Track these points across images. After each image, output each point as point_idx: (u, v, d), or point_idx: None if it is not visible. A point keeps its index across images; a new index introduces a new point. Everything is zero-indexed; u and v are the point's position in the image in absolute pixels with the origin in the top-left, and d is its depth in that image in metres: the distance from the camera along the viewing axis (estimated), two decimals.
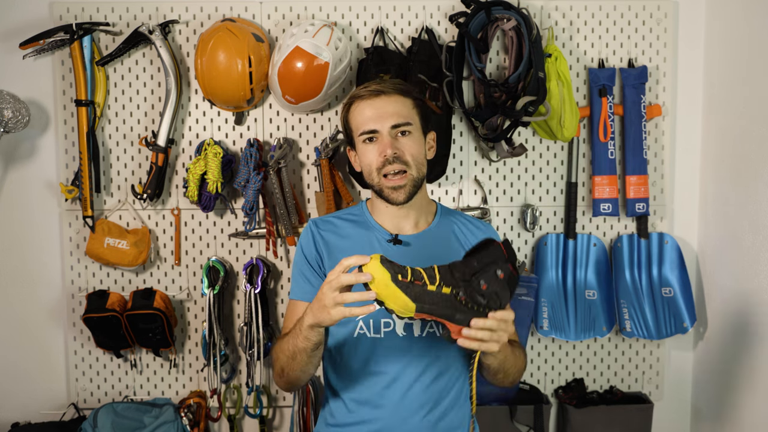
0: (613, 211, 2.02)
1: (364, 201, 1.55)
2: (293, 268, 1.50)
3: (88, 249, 1.97)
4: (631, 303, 2.05)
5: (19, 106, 1.91)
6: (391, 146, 1.40)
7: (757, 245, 1.81)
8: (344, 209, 1.60)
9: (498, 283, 1.17)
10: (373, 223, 1.49)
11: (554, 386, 2.16)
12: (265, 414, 2.10)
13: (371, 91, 1.43)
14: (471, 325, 1.17)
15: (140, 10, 1.98)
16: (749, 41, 1.86)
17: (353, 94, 1.47)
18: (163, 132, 1.96)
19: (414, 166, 1.42)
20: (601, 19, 2.05)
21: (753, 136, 1.83)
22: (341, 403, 1.46)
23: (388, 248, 1.44)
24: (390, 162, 1.40)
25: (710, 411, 2.07)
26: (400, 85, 1.47)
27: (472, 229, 1.53)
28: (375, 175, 1.43)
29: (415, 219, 1.48)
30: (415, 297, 1.15)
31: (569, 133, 1.94)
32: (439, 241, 1.48)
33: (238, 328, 2.05)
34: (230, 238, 2.06)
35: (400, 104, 1.43)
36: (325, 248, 1.47)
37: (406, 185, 1.41)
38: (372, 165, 1.43)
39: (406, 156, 1.41)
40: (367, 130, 1.42)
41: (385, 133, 1.41)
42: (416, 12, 2.01)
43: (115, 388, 2.11)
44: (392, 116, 1.41)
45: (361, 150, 1.46)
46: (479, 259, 1.19)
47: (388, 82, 1.47)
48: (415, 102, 1.47)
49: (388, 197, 1.42)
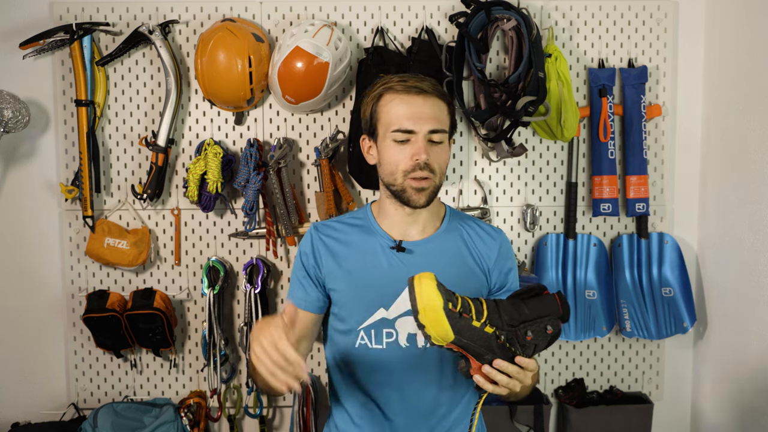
0: (613, 211, 2.02)
1: (368, 204, 1.50)
2: (293, 270, 1.49)
3: (88, 249, 1.97)
4: (631, 303, 2.05)
5: (19, 106, 1.91)
6: (425, 152, 1.33)
7: (757, 245, 1.81)
8: (348, 213, 1.54)
9: (544, 337, 1.12)
10: (377, 228, 1.43)
11: (554, 386, 2.16)
12: (265, 414, 2.10)
13: (410, 87, 1.35)
14: (494, 365, 1.13)
15: (140, 10, 1.98)
16: (749, 41, 1.86)
17: (387, 86, 1.37)
18: (163, 132, 1.96)
19: (438, 175, 1.37)
20: (601, 19, 2.05)
21: (753, 135, 1.83)
22: (346, 414, 1.44)
23: (392, 255, 1.40)
24: (421, 168, 1.33)
25: (710, 411, 2.07)
26: (438, 86, 1.39)
27: (482, 235, 1.46)
28: (400, 175, 1.35)
29: (422, 225, 1.42)
30: (458, 330, 1.09)
31: (569, 133, 1.94)
32: (445, 249, 1.42)
33: (238, 328, 2.05)
34: (230, 238, 2.06)
35: (437, 108, 1.36)
36: (325, 255, 1.42)
37: (429, 188, 1.35)
38: (399, 165, 1.35)
39: (435, 165, 1.35)
40: (404, 129, 1.33)
41: (422, 137, 1.33)
42: (416, 12, 2.01)
43: (115, 388, 2.11)
44: (431, 120, 1.34)
45: (387, 146, 1.37)
46: (532, 307, 1.13)
47: (427, 81, 1.37)
48: (449, 108, 1.40)
49: (409, 198, 1.36)
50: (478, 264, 1.43)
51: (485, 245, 1.45)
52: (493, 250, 1.44)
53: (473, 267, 1.42)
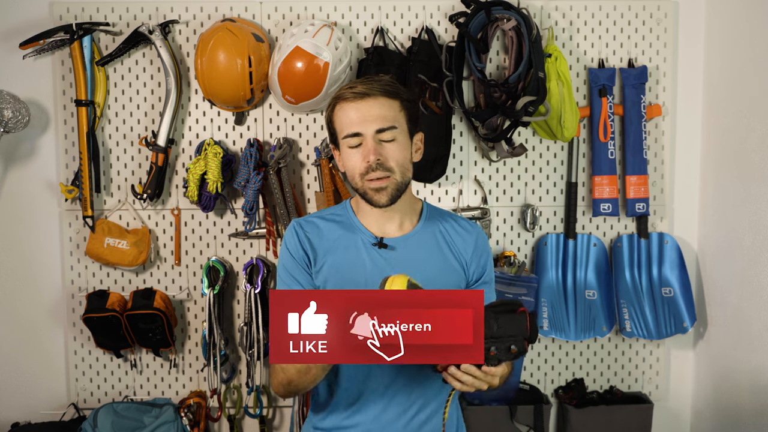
0: (613, 211, 2.02)
1: (348, 200, 1.51)
2: (279, 270, 1.46)
3: (88, 249, 1.97)
4: (631, 303, 2.05)
5: (19, 106, 1.91)
6: (375, 152, 1.35)
7: (757, 245, 1.81)
8: (327, 209, 1.56)
9: (507, 355, 1.15)
10: (358, 224, 1.45)
11: (554, 386, 2.16)
12: (265, 414, 2.10)
13: (356, 93, 1.37)
14: (461, 368, 1.16)
15: (140, 10, 1.98)
16: (749, 41, 1.86)
17: (338, 95, 1.41)
18: (163, 132, 1.96)
19: (398, 172, 1.38)
20: (601, 19, 2.05)
21: (753, 135, 1.83)
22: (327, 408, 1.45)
23: (373, 252, 1.41)
24: (373, 169, 1.35)
25: (710, 411, 2.07)
26: (387, 86, 1.40)
27: (459, 231, 1.48)
28: (358, 179, 1.39)
29: (399, 221, 1.45)
30: None
31: (569, 133, 1.94)
32: (424, 244, 1.44)
33: (238, 328, 2.05)
34: (230, 238, 2.06)
35: (386, 107, 1.38)
36: (310, 248, 1.43)
37: (388, 187, 1.37)
38: (355, 170, 1.38)
39: (390, 162, 1.36)
40: (350, 133, 1.37)
41: (369, 138, 1.36)
42: (416, 12, 2.01)
43: (115, 388, 2.11)
44: (376, 120, 1.36)
45: (344, 153, 1.41)
46: (501, 324, 1.14)
47: (375, 83, 1.39)
48: (403, 103, 1.41)
49: (371, 199, 1.39)
50: (457, 258, 1.45)
51: (462, 239, 1.47)
52: (470, 244, 1.47)
53: (452, 261, 1.44)
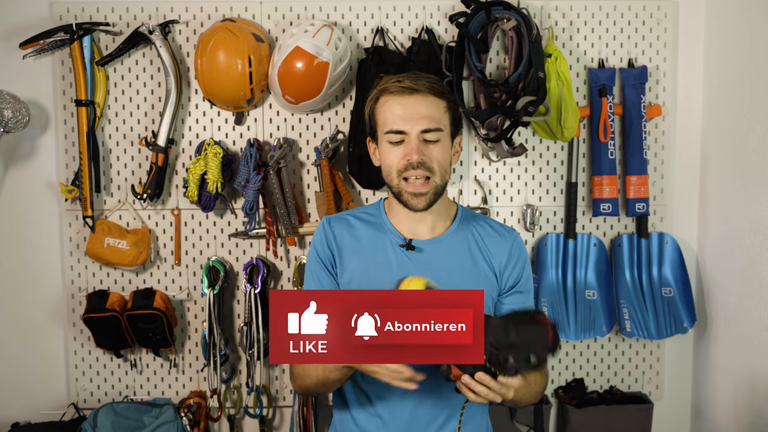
0: (613, 211, 2.02)
1: (381, 200, 1.49)
2: (306, 268, 1.45)
3: (88, 249, 1.97)
4: (631, 303, 2.05)
5: (19, 106, 1.91)
6: (418, 152, 1.31)
7: (757, 245, 1.81)
8: (361, 207, 1.52)
9: (526, 366, 1.11)
10: (389, 225, 1.42)
11: (554, 386, 2.16)
12: (265, 414, 2.10)
13: (404, 88, 1.33)
14: (475, 377, 1.13)
15: (140, 10, 1.98)
16: (749, 41, 1.86)
17: (383, 87, 1.36)
18: (163, 132, 1.96)
19: (438, 174, 1.34)
20: (601, 19, 2.05)
21: (753, 135, 1.83)
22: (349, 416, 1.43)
23: (401, 253, 1.38)
24: (414, 167, 1.32)
25: (710, 411, 2.07)
26: (435, 84, 1.37)
27: (493, 235, 1.44)
28: (394, 176, 1.34)
29: (432, 223, 1.41)
30: None
31: (569, 133, 1.94)
32: (455, 248, 1.40)
33: (238, 328, 2.05)
34: (230, 238, 2.06)
35: (433, 107, 1.34)
36: (336, 247, 1.41)
37: (428, 193, 1.34)
38: (393, 166, 1.34)
39: (432, 163, 1.33)
40: (395, 129, 1.32)
41: (414, 137, 1.32)
42: (416, 12, 2.01)
43: (115, 388, 2.11)
44: (423, 119, 1.32)
45: (384, 148, 1.36)
46: (521, 334, 1.10)
47: (422, 80, 1.35)
48: (449, 104, 1.37)
49: (406, 202, 1.35)
50: (489, 264, 1.41)
51: (496, 245, 1.43)
52: (504, 250, 1.43)
53: (483, 267, 1.41)
